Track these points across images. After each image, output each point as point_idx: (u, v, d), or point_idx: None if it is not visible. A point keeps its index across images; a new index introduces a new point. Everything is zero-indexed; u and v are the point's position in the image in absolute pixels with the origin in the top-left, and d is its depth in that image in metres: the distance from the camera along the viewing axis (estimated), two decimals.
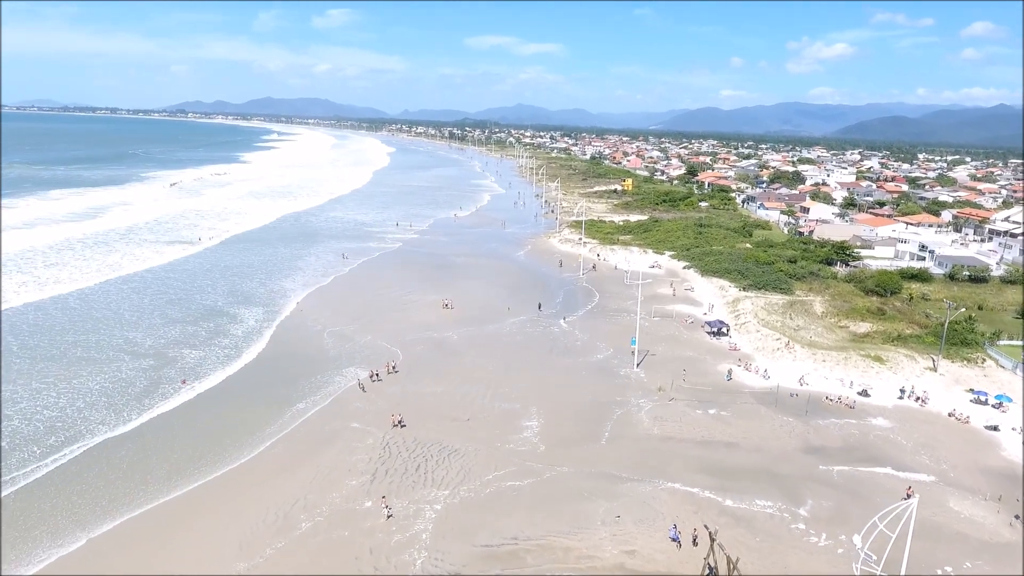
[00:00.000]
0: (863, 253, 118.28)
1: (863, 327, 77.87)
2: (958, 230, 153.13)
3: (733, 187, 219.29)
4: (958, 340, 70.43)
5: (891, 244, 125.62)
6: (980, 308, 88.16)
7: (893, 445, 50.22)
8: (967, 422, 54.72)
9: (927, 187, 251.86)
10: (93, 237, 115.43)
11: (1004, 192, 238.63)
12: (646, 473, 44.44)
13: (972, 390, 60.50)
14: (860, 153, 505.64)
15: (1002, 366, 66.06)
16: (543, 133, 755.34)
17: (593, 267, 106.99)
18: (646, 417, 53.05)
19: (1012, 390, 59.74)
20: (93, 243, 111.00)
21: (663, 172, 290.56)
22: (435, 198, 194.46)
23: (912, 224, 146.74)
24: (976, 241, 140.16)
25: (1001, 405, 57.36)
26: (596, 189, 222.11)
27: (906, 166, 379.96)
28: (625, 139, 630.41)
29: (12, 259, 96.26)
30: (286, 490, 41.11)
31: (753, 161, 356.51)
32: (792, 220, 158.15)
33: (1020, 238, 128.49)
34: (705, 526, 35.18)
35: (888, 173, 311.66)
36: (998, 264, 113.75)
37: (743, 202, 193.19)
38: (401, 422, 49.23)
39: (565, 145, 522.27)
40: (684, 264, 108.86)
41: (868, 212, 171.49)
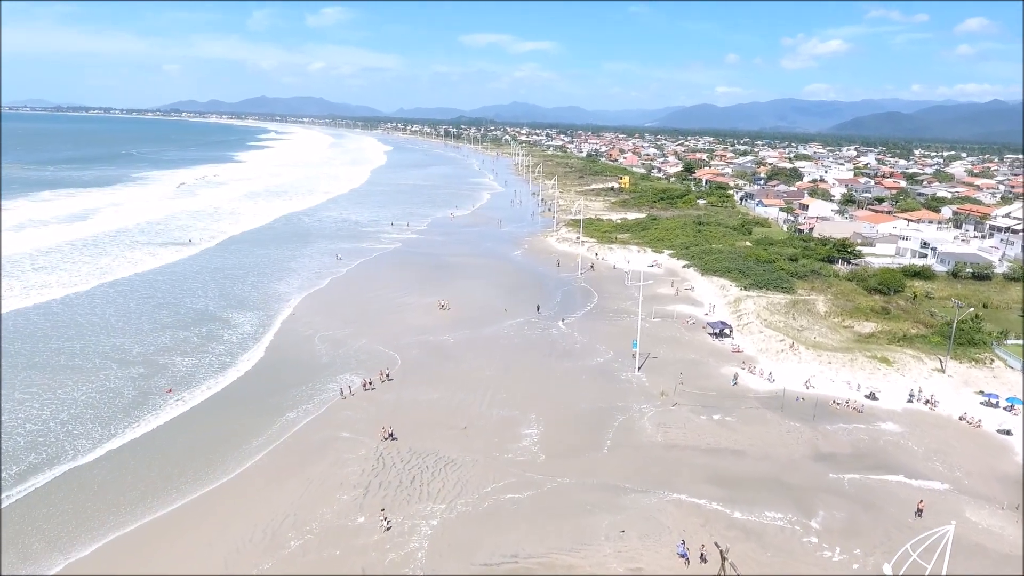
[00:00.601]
0: (864, 251, 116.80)
1: (868, 327, 76.34)
2: (958, 226, 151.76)
3: (731, 184, 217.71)
4: (965, 340, 68.92)
5: (892, 241, 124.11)
6: (985, 306, 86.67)
7: (904, 451, 48.64)
8: (979, 426, 53.18)
9: (925, 183, 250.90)
10: (83, 240, 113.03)
11: (1002, 187, 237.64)
12: (650, 483, 42.77)
13: (982, 392, 59.00)
14: (856, 149, 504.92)
15: (1011, 367, 64.60)
16: (539, 131, 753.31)
17: (591, 267, 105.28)
18: (649, 424, 51.37)
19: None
20: (82, 245, 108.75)
21: (660, 169, 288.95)
22: (434, 197, 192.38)
23: (912, 221, 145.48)
24: (977, 237, 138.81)
25: (1012, 408, 55.87)
26: (593, 187, 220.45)
27: (903, 162, 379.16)
28: (621, 136, 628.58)
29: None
30: (274, 506, 39.29)
31: (750, 158, 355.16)
32: (791, 217, 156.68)
33: (1021, 234, 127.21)
34: (716, 543, 33.49)
35: (885, 169, 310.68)
36: (1000, 261, 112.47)
37: (741, 199, 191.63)
38: (392, 435, 47.22)
39: (561, 143, 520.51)
40: (684, 263, 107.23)
41: (867, 209, 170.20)
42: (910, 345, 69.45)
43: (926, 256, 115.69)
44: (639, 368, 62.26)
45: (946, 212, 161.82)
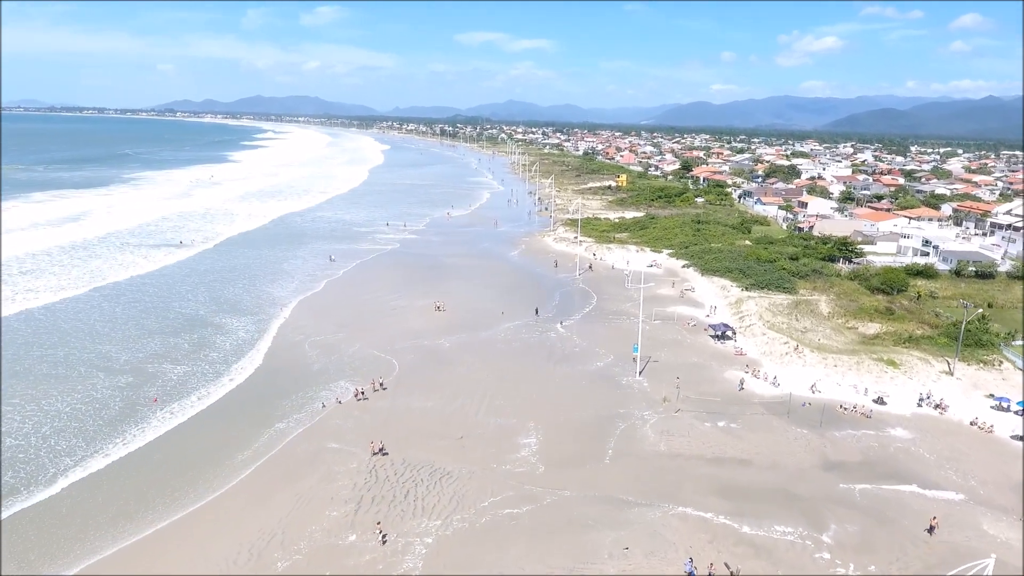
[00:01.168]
0: (865, 249, 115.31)
1: (872, 328, 74.79)
2: (959, 224, 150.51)
3: (729, 182, 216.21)
4: (972, 341, 67.37)
5: (893, 239, 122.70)
6: (990, 306, 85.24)
7: (916, 459, 47.05)
8: (991, 431, 51.65)
9: (923, 180, 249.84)
10: (74, 243, 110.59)
11: (1000, 184, 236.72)
12: (654, 496, 41.08)
13: (992, 396, 57.48)
14: (853, 146, 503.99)
15: (1020, 368, 63.09)
16: (535, 129, 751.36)
17: (589, 267, 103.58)
18: (651, 431, 49.69)
19: None
20: (71, 248, 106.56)
21: (657, 167, 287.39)
22: (433, 196, 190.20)
23: (912, 218, 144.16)
24: (978, 235, 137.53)
25: None
26: (590, 185, 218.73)
27: (900, 159, 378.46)
28: (617, 134, 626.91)
29: None
30: (261, 524, 37.48)
31: (747, 155, 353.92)
32: (790, 215, 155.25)
33: (1023, 231, 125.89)
34: (726, 564, 31.88)
35: (883, 166, 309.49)
36: (1003, 259, 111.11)
37: (739, 197, 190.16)
38: (382, 449, 45.09)
39: (557, 141, 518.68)
40: (683, 263, 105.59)
41: (867, 206, 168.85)
42: (916, 347, 67.89)
43: (928, 255, 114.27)
44: (640, 373, 60.58)
45: (946, 209, 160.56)
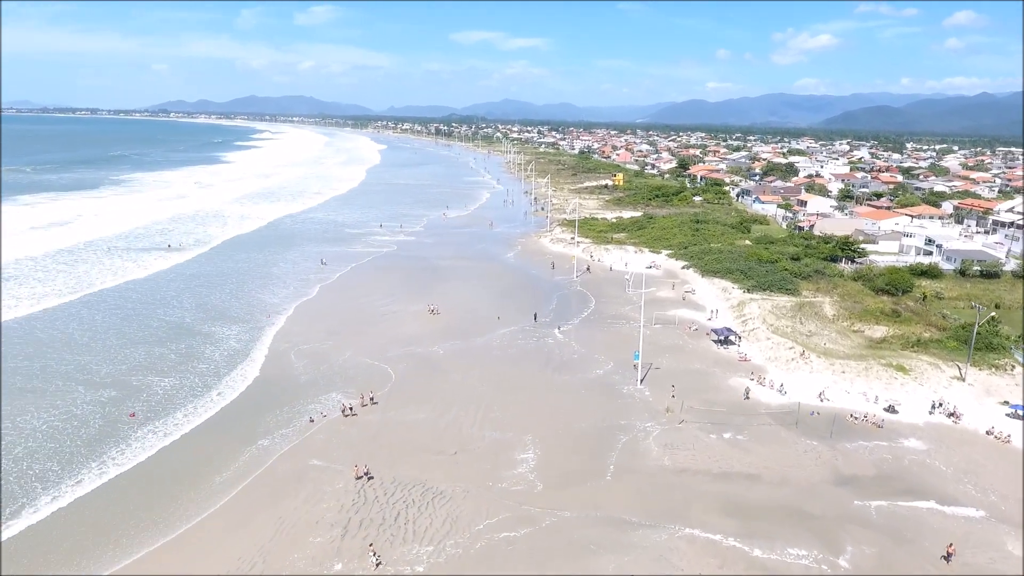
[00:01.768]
0: (866, 248, 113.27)
1: (879, 331, 72.67)
2: (959, 221, 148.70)
3: (726, 180, 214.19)
4: (982, 344, 65.18)
5: (895, 238, 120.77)
6: (997, 307, 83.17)
7: (932, 472, 44.88)
8: (1008, 441, 49.54)
9: (921, 177, 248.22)
10: (61, 248, 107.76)
11: (998, 181, 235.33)
12: (659, 516, 38.81)
13: (1007, 403, 55.36)
14: (849, 143, 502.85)
15: None
16: (530, 128, 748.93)
17: (587, 269, 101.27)
18: (655, 444, 47.43)
19: None
20: (56, 253, 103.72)
21: (653, 166, 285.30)
22: (431, 197, 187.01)
23: (913, 216, 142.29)
24: (980, 233, 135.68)
25: None
26: (586, 184, 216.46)
27: (896, 156, 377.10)
28: (613, 133, 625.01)
29: None
30: (240, 551, 35.08)
31: (744, 153, 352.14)
32: (790, 214, 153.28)
33: None
34: None
35: (881, 163, 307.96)
36: (1007, 257, 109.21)
37: (737, 196, 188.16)
38: (367, 473, 42.15)
39: (553, 140, 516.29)
40: (683, 264, 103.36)
41: (867, 204, 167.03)
42: (925, 351, 65.79)
43: (931, 253, 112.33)
44: (641, 381, 58.32)
45: (947, 207, 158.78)
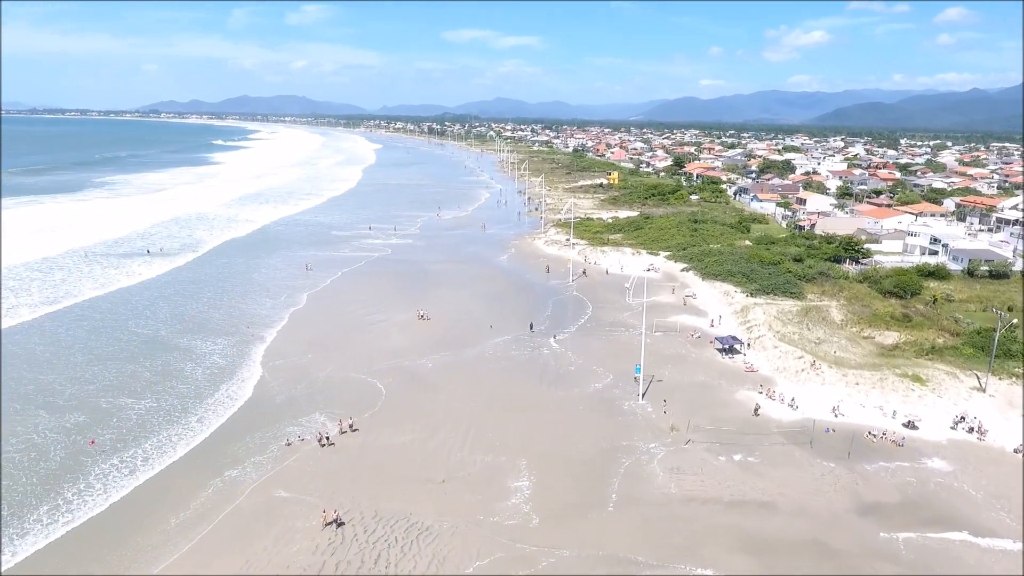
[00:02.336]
0: (870, 248, 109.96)
1: (890, 337, 69.26)
2: (962, 219, 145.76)
3: (723, 179, 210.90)
4: (1000, 351, 61.73)
5: (899, 237, 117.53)
6: (1010, 309, 79.77)
7: (961, 497, 41.38)
8: None
9: (919, 173, 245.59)
10: (40, 256, 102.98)
11: (996, 177, 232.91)
12: (669, 555, 35.18)
13: None
14: (843, 140, 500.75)
15: None
16: (523, 126, 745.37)
17: (583, 272, 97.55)
18: (660, 468, 43.78)
19: None
20: (34, 261, 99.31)
21: (648, 164, 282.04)
22: (428, 197, 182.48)
23: (914, 214, 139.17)
24: (983, 231, 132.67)
25: None
26: (581, 184, 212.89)
27: (892, 152, 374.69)
28: (607, 131, 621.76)
29: None
30: None
31: (739, 150, 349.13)
32: (789, 213, 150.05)
33: None
34: None
35: (878, 160, 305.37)
36: (1014, 256, 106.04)
37: (735, 194, 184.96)
38: (338, 519, 37.24)
39: (547, 138, 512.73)
40: (682, 266, 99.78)
41: (867, 202, 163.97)
42: (940, 359, 62.38)
43: (937, 253, 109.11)
44: (643, 395, 54.70)
45: (948, 204, 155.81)
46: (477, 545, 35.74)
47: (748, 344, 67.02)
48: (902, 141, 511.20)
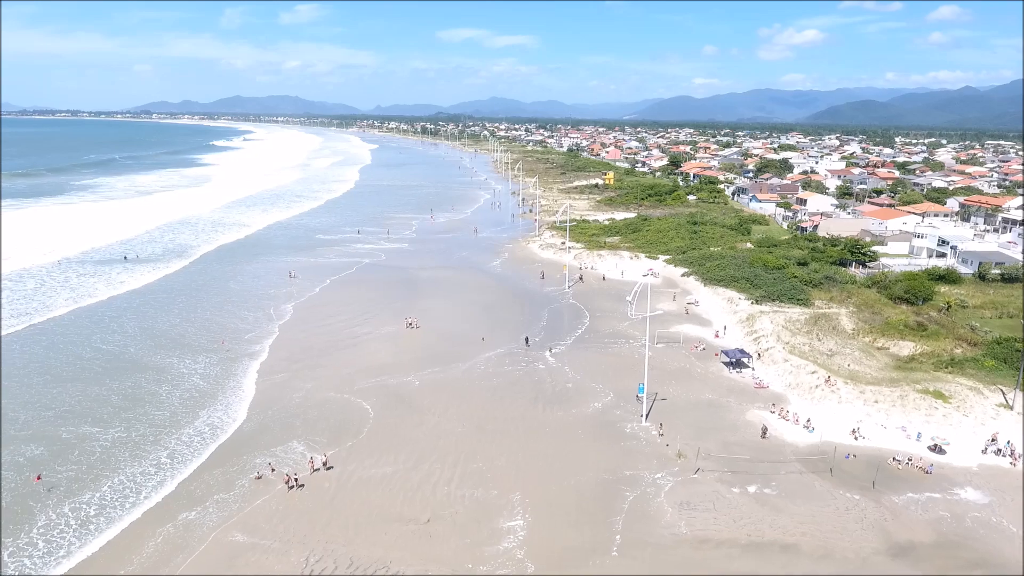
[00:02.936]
0: (876, 251, 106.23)
1: (905, 347, 65.43)
2: (966, 219, 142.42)
3: (720, 178, 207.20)
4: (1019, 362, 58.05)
5: (905, 239, 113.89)
6: None
7: (1000, 534, 37.45)
8: None
9: (917, 172, 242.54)
10: (16, 265, 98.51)
11: (995, 175, 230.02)
12: None
13: None
14: (839, 138, 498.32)
15: None
16: (518, 125, 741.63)
17: (580, 278, 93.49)
18: (668, 503, 39.72)
19: None
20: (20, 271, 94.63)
21: (644, 163, 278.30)
22: (426, 199, 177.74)
23: (917, 214, 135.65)
24: (989, 231, 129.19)
25: None
26: (576, 184, 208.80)
27: (888, 150, 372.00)
28: (601, 130, 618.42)
29: None
30: None
31: (735, 149, 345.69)
32: (790, 214, 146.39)
33: None
34: None
35: (875, 159, 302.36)
36: None
37: (733, 194, 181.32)
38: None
39: (541, 137, 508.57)
40: (682, 270, 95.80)
41: (868, 202, 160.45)
42: (961, 372, 58.47)
43: (945, 255, 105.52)
44: (646, 416, 50.66)
45: (951, 204, 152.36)
46: None
47: (758, 355, 63.10)
48: (897, 139, 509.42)
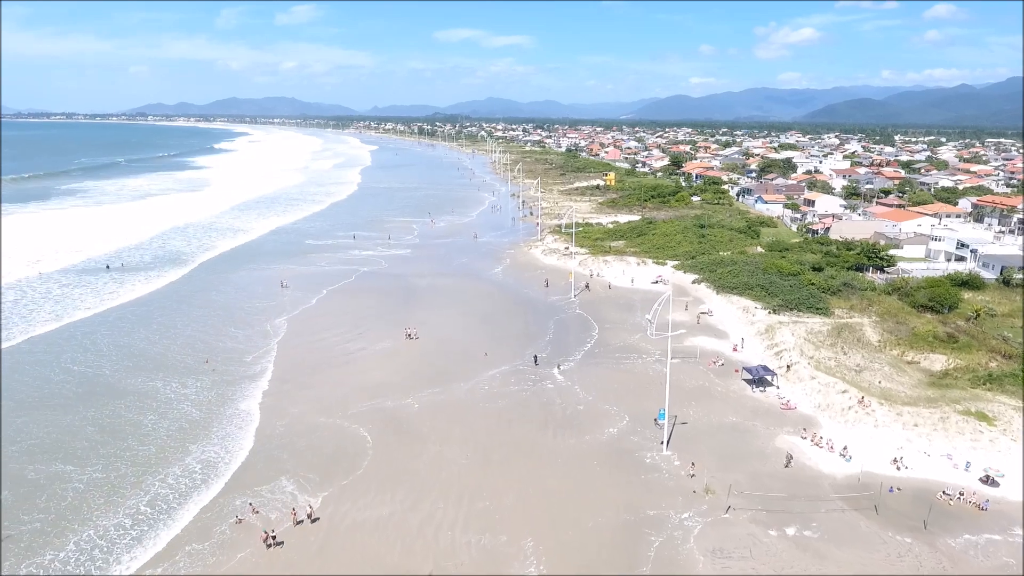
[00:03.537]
0: (892, 255, 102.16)
1: (936, 361, 61.31)
2: (979, 220, 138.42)
3: (724, 179, 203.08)
4: None
5: (921, 242, 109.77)
6: None
7: None
8: None
9: (922, 171, 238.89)
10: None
11: (1001, 174, 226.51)
12: None
13: None
14: (838, 136, 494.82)
15: None
16: (515, 126, 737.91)
17: (586, 286, 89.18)
18: (699, 551, 35.48)
19: None
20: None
21: (644, 164, 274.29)
22: (427, 202, 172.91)
23: (931, 215, 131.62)
24: (1005, 232, 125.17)
25: None
26: (576, 185, 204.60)
27: (889, 149, 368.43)
28: (599, 129, 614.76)
29: None
30: None
31: (735, 149, 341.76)
32: (798, 215, 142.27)
33: None
34: None
35: (876, 157, 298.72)
36: None
37: (738, 195, 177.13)
38: None
39: (539, 137, 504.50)
40: (693, 277, 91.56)
41: (877, 203, 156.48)
42: (1000, 389, 54.31)
43: (964, 259, 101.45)
44: (667, 443, 46.40)
45: (963, 204, 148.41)
46: None
47: (786, 369, 58.87)
48: (896, 137, 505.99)
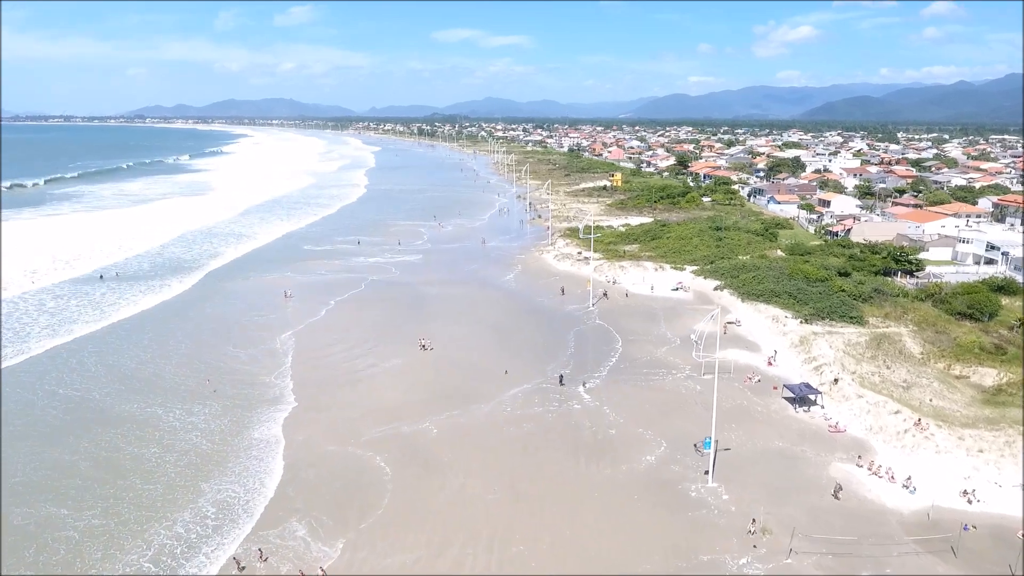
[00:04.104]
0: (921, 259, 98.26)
1: (986, 375, 57.40)
2: (1000, 220, 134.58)
3: (733, 178, 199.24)
4: None
5: (948, 244, 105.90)
6: None
7: None
8: None
9: (933, 169, 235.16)
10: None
11: (1013, 171, 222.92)
12: None
13: None
14: (840, 134, 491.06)
15: None
16: (514, 125, 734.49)
17: (604, 294, 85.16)
18: None
19: None
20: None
21: (649, 163, 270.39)
22: (436, 205, 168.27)
23: (953, 215, 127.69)
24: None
25: None
26: (582, 186, 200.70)
27: (895, 146, 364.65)
28: (599, 129, 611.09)
29: None
30: None
31: (740, 147, 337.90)
32: (815, 216, 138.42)
33: None
34: None
35: (883, 155, 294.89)
36: None
37: (749, 195, 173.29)
38: None
39: (540, 137, 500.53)
40: (714, 283, 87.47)
41: (894, 203, 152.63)
42: None
43: (994, 262, 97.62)
44: (712, 474, 42.46)
45: (983, 204, 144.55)
46: None
47: (833, 382, 54.97)
48: (899, 135, 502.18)
